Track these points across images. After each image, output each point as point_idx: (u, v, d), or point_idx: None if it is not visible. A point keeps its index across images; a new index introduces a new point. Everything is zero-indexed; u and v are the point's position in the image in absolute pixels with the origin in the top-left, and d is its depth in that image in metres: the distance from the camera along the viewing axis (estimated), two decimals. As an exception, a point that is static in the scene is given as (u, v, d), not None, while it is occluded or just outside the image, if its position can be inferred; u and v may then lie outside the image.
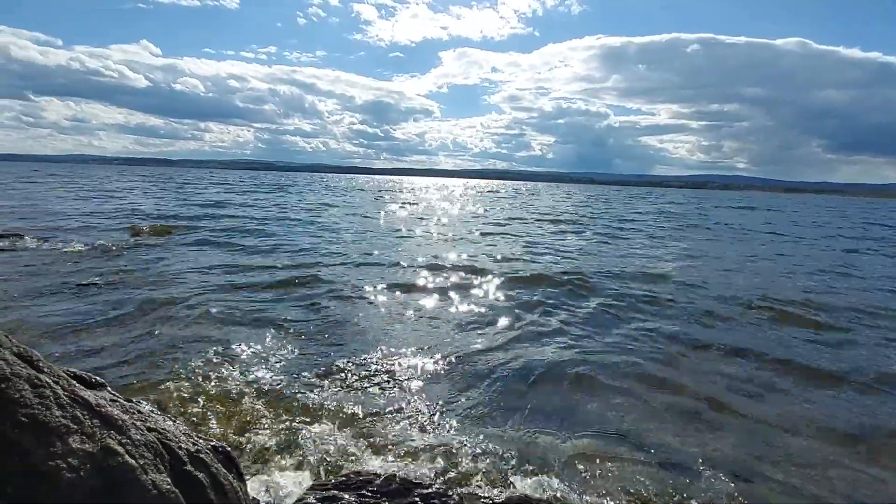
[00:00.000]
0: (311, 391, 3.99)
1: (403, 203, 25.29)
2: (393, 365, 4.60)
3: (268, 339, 5.05)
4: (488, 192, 56.14)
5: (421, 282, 7.94)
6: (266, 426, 3.40)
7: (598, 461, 3.17)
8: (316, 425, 3.46)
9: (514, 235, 15.38)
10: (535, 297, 7.07)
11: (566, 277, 8.45)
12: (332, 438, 3.29)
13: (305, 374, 4.30)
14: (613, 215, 24.83)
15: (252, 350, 4.74)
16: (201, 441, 2.15)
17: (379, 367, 4.56)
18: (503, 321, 5.96)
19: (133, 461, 1.74)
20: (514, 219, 20.65)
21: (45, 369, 1.83)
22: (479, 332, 5.53)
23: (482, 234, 15.56)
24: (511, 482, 2.78)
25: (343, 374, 4.35)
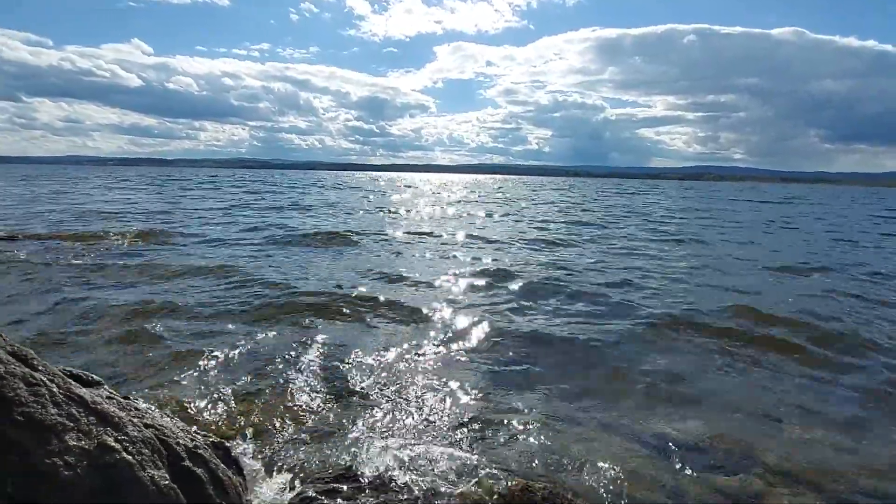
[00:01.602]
0: (310, 388, 4.00)
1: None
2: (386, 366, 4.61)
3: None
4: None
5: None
6: (267, 421, 3.40)
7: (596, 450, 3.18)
8: (314, 420, 3.46)
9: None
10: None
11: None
12: (331, 433, 3.30)
13: (304, 371, 4.31)
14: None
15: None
16: (200, 437, 2.15)
17: (371, 370, 4.56)
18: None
19: (130, 458, 1.74)
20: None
21: (40, 367, 1.82)
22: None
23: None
24: (512, 474, 2.79)
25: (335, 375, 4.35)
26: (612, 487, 2.84)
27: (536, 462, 3.07)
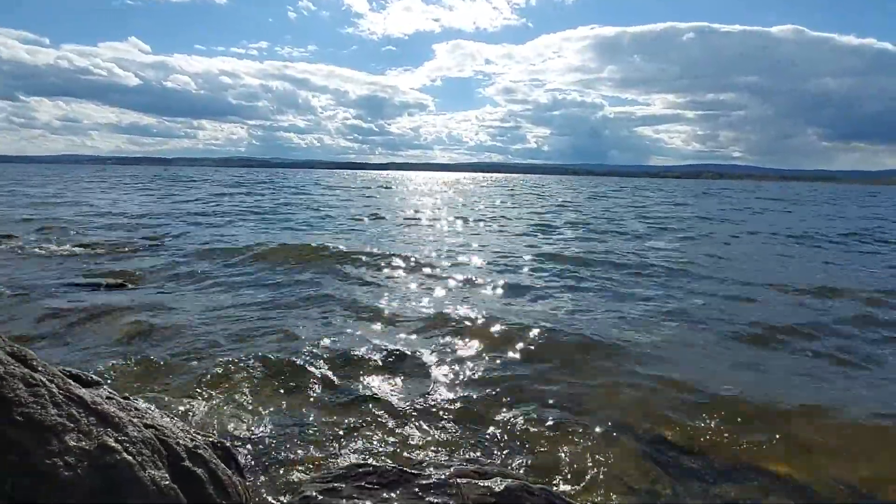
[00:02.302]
0: (311, 387, 4.00)
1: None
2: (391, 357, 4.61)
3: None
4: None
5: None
6: (266, 419, 3.40)
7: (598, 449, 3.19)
8: (314, 421, 3.47)
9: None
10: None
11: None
12: (332, 434, 3.30)
13: (305, 370, 4.31)
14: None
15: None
16: (199, 437, 2.15)
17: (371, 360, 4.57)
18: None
19: (131, 458, 1.74)
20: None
21: (40, 368, 1.83)
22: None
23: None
24: (511, 471, 2.79)
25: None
26: (611, 491, 2.85)
27: (535, 463, 3.07)
